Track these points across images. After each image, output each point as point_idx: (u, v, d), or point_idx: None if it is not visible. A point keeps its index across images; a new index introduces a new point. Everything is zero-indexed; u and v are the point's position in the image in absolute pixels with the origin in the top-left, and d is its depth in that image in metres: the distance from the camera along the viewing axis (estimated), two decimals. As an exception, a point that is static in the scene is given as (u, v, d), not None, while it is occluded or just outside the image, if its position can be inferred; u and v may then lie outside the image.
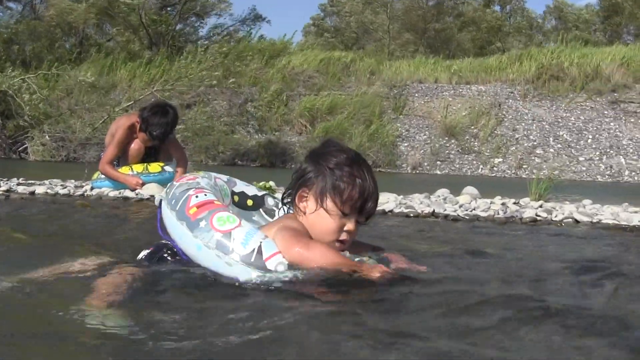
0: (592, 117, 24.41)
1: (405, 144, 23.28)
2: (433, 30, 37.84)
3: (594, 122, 24.14)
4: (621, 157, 22.52)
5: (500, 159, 22.66)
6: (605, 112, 24.66)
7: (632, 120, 24.25)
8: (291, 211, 3.41)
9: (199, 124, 22.08)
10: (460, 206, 7.55)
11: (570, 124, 24.12)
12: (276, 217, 3.65)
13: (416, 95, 25.81)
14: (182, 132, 20.56)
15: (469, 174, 21.82)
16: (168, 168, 8.58)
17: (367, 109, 24.08)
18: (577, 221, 6.96)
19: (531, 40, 40.70)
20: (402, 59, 30.11)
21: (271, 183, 8.51)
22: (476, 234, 5.84)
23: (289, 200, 3.39)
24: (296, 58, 27.69)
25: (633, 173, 21.72)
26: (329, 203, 3.17)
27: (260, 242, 2.94)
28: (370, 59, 28.75)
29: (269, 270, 2.89)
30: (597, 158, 22.52)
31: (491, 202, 7.85)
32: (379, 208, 6.84)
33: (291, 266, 2.92)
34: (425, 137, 23.76)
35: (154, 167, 8.51)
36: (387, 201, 7.68)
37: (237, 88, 24.60)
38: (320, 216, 3.18)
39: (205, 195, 3.21)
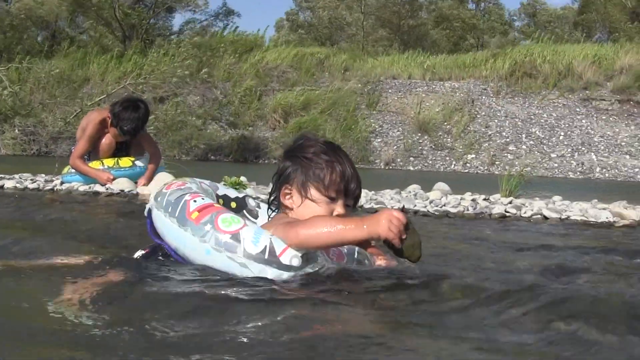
0: (564, 114, 24.54)
1: (379, 140, 23.30)
2: (407, 26, 37.87)
3: (566, 119, 24.27)
4: (592, 154, 22.65)
5: (473, 155, 22.73)
6: (577, 110, 24.80)
7: (604, 117, 24.41)
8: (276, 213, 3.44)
9: (172, 119, 21.99)
10: (431, 202, 7.58)
11: (542, 120, 24.24)
12: (259, 217, 3.66)
13: (390, 91, 25.84)
14: (155, 126, 20.50)
15: (441, 170, 21.88)
16: (139, 163, 8.53)
17: (341, 104, 24.07)
18: (545, 217, 7.00)
19: (505, 37, 40.86)
20: (376, 55, 30.10)
21: (242, 178, 8.49)
22: (443, 229, 5.85)
23: (274, 203, 3.42)
24: (270, 53, 27.63)
25: (604, 170, 21.85)
26: (313, 192, 3.21)
27: (270, 239, 2.94)
28: (344, 54, 28.72)
29: (285, 265, 2.90)
30: (569, 155, 22.64)
31: (461, 198, 7.88)
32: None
33: (305, 258, 2.93)
34: (398, 133, 23.79)
35: (125, 161, 8.47)
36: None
37: (210, 79, 24.51)
38: (308, 207, 3.21)
39: (203, 199, 3.19)
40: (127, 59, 25.26)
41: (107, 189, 7.96)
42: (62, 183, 8.39)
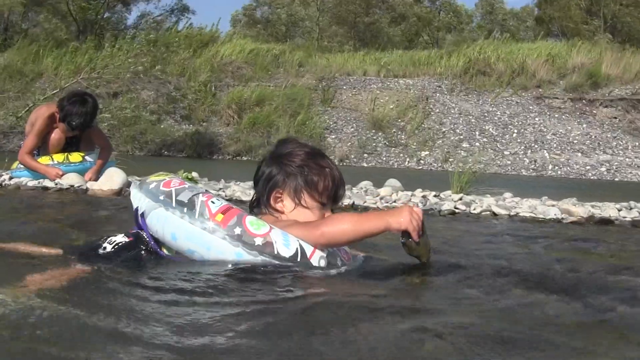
0: (517, 112, 24.72)
1: (333, 136, 23.28)
2: (363, 23, 37.93)
3: (520, 117, 24.45)
4: (545, 151, 22.83)
5: (427, 152, 22.79)
6: (531, 107, 25.01)
7: (556, 115, 24.63)
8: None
9: (126, 114, 21.81)
10: (381, 198, 7.57)
11: (496, 118, 24.39)
12: None
13: (344, 87, 25.84)
14: (109, 122, 20.32)
15: (395, 166, 21.90)
16: (89, 158, 8.41)
17: (295, 101, 24.02)
18: (495, 214, 7.02)
19: (461, 35, 41.07)
20: (331, 52, 30.09)
21: (194, 174, 8.45)
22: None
23: (258, 204, 3.44)
24: (225, 48, 27.48)
25: (556, 167, 22.02)
26: (307, 198, 3.30)
27: (299, 242, 3.02)
28: (300, 51, 28.68)
29: (314, 267, 3.01)
30: (522, 152, 22.79)
31: (412, 195, 7.88)
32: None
33: (329, 257, 3.07)
34: (352, 129, 23.79)
35: (75, 157, 8.35)
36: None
37: (164, 76, 24.33)
38: (300, 212, 3.29)
39: (218, 199, 3.19)
40: (82, 53, 24.97)
41: (56, 184, 7.86)
42: (10, 178, 8.27)
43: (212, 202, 3.12)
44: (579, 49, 27.42)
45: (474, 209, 7.14)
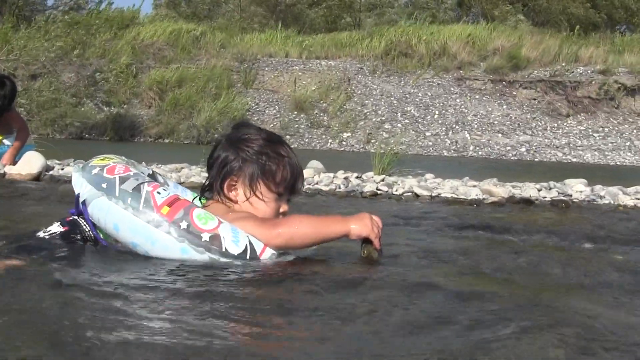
0: (438, 94, 24.89)
1: (255, 118, 23.14)
2: (284, 4, 37.74)
3: (441, 98, 24.62)
4: (466, 132, 23.04)
5: (349, 134, 22.82)
6: (452, 89, 25.21)
7: (477, 97, 24.87)
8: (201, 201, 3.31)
9: (45, 96, 21.40)
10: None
11: (417, 99, 24.52)
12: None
13: (266, 69, 25.71)
14: (27, 105, 19.93)
15: (318, 148, 21.88)
16: (7, 142, 8.17)
17: (217, 82, 23.85)
18: (417, 195, 7.00)
19: (382, 17, 41.11)
20: (252, 33, 29.88)
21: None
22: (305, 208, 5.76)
23: (210, 190, 3.27)
24: (146, 30, 27.10)
25: (477, 148, 22.25)
26: (263, 188, 3.13)
27: (249, 238, 2.89)
28: (221, 32, 28.42)
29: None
30: (443, 133, 22.97)
31: (334, 177, 7.83)
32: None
33: (282, 255, 2.96)
34: (274, 111, 23.71)
35: (-6, 140, 8.11)
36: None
37: (84, 59, 23.91)
38: (254, 203, 3.13)
39: (164, 189, 3.01)
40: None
41: (-25, 168, 7.61)
42: None
43: (158, 193, 2.95)
44: (499, 31, 27.69)
45: (396, 190, 7.12)
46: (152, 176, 3.42)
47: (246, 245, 2.86)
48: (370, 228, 2.97)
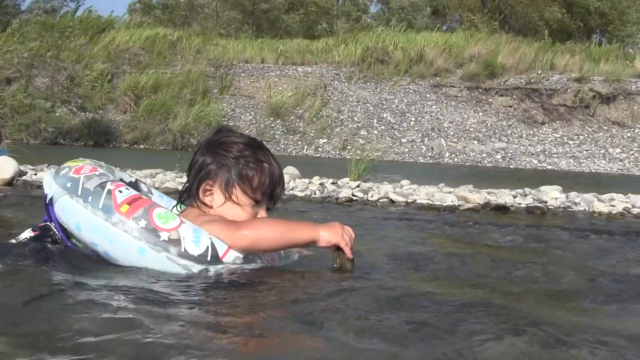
0: (415, 100, 24.93)
1: (231, 124, 23.05)
2: (261, 10, 37.75)
3: (417, 105, 24.66)
4: (442, 139, 23.08)
5: (325, 140, 22.81)
6: (428, 96, 25.25)
7: (453, 104, 24.92)
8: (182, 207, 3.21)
9: (19, 101, 21.27)
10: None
11: (393, 106, 24.54)
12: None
13: (242, 75, 25.68)
14: (1, 109, 19.83)
15: (294, 154, 21.84)
16: (-20, 147, 8.09)
17: (193, 88, 23.80)
18: (392, 201, 6.99)
19: (358, 22, 41.23)
20: (228, 39, 29.84)
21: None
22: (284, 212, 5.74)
23: (187, 195, 3.16)
24: (122, 35, 26.99)
25: (453, 155, 22.29)
26: (239, 194, 3.02)
27: (211, 239, 2.78)
28: (197, 37, 28.35)
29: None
30: (419, 140, 22.99)
31: (309, 182, 7.81)
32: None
33: (246, 258, 2.84)
34: (250, 117, 23.68)
35: (-34, 146, 8.02)
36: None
37: (59, 63, 23.78)
38: (231, 208, 3.02)
39: (127, 189, 2.90)
40: (-26, 38, 24.26)
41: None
42: None
43: (120, 192, 2.85)
44: (475, 39, 27.79)
45: (372, 196, 7.11)
46: (135, 184, 3.37)
47: (207, 246, 2.75)
48: (340, 235, 2.89)
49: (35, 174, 7.79)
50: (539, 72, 25.82)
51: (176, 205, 3.24)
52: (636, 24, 40.04)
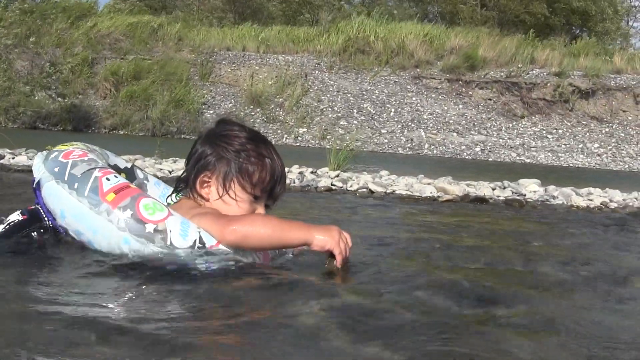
0: (395, 91, 24.94)
1: (211, 112, 23.04)
2: (243, -2, 37.68)
3: (397, 96, 24.68)
4: (422, 130, 23.13)
5: (305, 129, 22.80)
6: (408, 87, 25.27)
7: (433, 95, 24.96)
8: (178, 197, 3.09)
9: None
10: (257, 174, 7.45)
11: (374, 97, 24.56)
12: (148, 190, 3.28)
13: (223, 62, 25.60)
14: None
15: (273, 143, 21.76)
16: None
17: (173, 75, 23.72)
18: (371, 191, 6.99)
19: (340, 12, 41.17)
20: (210, 26, 29.75)
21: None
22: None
23: (184, 185, 3.02)
24: (103, 20, 26.84)
25: (432, 146, 22.35)
26: (237, 188, 2.88)
27: (199, 233, 2.68)
28: (179, 24, 28.22)
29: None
30: (399, 131, 23.03)
31: (288, 171, 7.78)
32: (170, 174, 6.65)
33: (236, 253, 2.71)
34: (230, 105, 23.63)
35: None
36: (182, 169, 7.50)
37: (39, 48, 23.63)
38: (226, 203, 2.89)
39: (116, 177, 2.80)
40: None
41: None
42: None
43: (107, 179, 2.76)
44: (457, 31, 27.83)
45: (351, 186, 7.12)
46: (131, 170, 3.31)
47: (195, 240, 2.66)
48: (336, 242, 2.73)
49: (13, 158, 7.74)
50: (519, 65, 25.89)
51: (172, 194, 3.14)
52: (611, 19, 40.41)
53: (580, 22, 38.27)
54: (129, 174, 3.28)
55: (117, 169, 3.20)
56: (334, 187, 7.09)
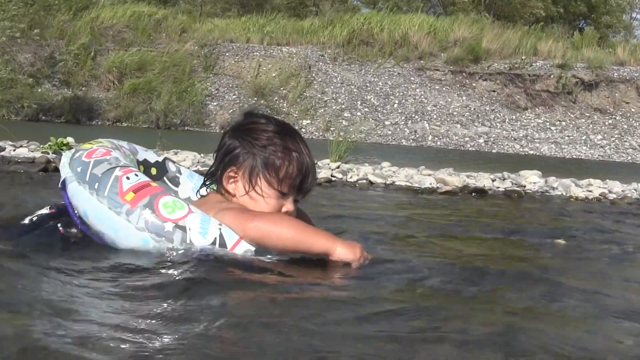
0: (399, 83, 24.94)
1: (215, 104, 23.08)
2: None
3: (401, 88, 24.68)
4: (425, 122, 23.13)
5: (309, 121, 22.82)
6: (412, 79, 25.26)
7: (437, 87, 24.96)
8: (207, 191, 3.06)
9: (1, 77, 21.11)
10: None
11: (377, 88, 24.56)
12: (181, 184, 3.30)
13: (227, 54, 25.59)
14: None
15: (277, 135, 21.80)
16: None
17: (177, 67, 23.72)
18: (371, 183, 7.03)
19: (344, 4, 41.12)
20: (214, 18, 29.74)
21: (69, 139, 8.17)
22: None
23: (212, 180, 3.01)
24: (106, 11, 26.79)
25: (436, 138, 22.36)
26: (263, 184, 2.83)
27: (220, 230, 2.66)
28: (183, 16, 28.21)
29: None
30: (403, 123, 23.04)
31: (290, 163, 7.82)
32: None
33: (259, 252, 2.67)
34: (234, 96, 23.63)
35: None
36: (185, 159, 7.56)
37: (42, 40, 23.62)
38: (253, 199, 2.84)
39: (137, 175, 2.78)
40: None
41: None
42: None
43: (127, 178, 2.74)
44: (460, 23, 27.80)
45: (351, 178, 7.16)
46: (162, 164, 3.30)
47: (215, 237, 2.63)
48: (357, 257, 2.69)
49: (14, 150, 7.78)
50: (522, 57, 25.89)
51: (200, 188, 3.10)
52: (615, 12, 40.36)
53: (585, 10, 38.15)
54: (160, 167, 3.29)
55: (148, 164, 3.22)
56: (333, 179, 7.13)
